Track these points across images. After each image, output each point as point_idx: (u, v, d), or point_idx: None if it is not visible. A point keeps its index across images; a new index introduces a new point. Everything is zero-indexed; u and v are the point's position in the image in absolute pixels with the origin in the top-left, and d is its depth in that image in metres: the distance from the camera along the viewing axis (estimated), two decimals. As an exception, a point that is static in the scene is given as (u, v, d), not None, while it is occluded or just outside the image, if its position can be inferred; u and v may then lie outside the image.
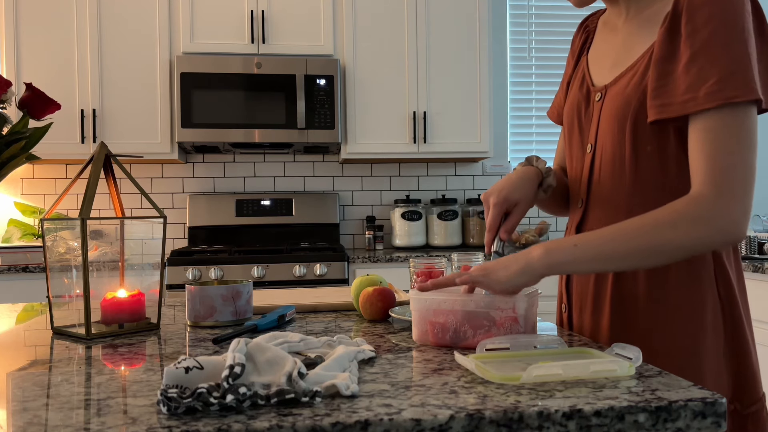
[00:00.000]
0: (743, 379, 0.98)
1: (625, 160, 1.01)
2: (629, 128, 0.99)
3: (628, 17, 1.06)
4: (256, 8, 3.14)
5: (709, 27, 0.89)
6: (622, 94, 1.00)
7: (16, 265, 2.75)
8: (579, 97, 1.11)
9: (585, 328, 1.09)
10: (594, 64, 1.12)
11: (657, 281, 0.99)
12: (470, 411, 0.64)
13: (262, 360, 0.71)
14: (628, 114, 0.99)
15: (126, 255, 1.19)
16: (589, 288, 1.07)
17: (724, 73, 0.87)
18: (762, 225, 3.33)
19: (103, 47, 3.08)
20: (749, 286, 2.39)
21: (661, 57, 0.94)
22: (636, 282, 1.00)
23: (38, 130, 1.16)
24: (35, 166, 3.35)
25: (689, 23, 0.91)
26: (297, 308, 1.33)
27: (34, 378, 0.82)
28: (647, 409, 0.66)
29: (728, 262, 1.00)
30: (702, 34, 0.89)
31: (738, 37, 0.88)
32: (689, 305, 0.97)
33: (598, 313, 1.05)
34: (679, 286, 0.98)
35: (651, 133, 0.97)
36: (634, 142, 0.99)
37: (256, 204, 3.40)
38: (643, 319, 1.00)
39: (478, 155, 3.34)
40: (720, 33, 0.88)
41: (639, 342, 0.97)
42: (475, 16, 3.30)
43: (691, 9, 0.91)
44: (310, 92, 3.11)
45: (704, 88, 0.88)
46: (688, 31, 0.91)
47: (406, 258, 2.97)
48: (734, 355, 0.98)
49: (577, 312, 1.11)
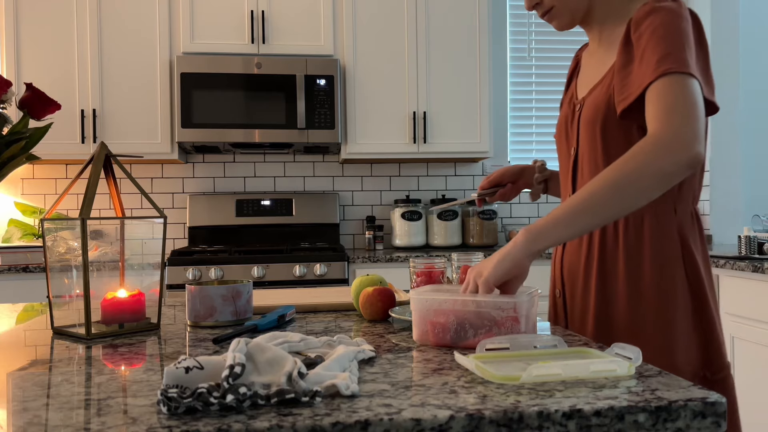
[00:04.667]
0: (711, 349, 1.11)
1: (599, 158, 1.17)
2: (599, 130, 1.16)
3: (600, 42, 1.25)
4: (256, 8, 3.14)
5: (650, 29, 1.06)
6: (594, 102, 1.17)
7: (16, 265, 2.76)
8: (568, 110, 1.28)
9: (576, 308, 1.21)
10: (580, 84, 1.30)
11: (634, 261, 1.13)
12: (470, 411, 0.64)
13: (262, 360, 0.71)
14: (597, 118, 1.16)
15: (126, 255, 1.19)
16: (579, 269, 1.20)
17: (661, 54, 1.03)
18: (762, 225, 3.33)
19: (103, 47, 3.08)
20: (749, 285, 2.39)
21: (620, 65, 1.12)
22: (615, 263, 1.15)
23: (38, 130, 1.16)
24: (35, 166, 3.35)
25: (636, 32, 1.09)
26: (297, 308, 1.33)
27: (34, 378, 0.82)
28: (647, 409, 0.66)
29: (694, 245, 1.13)
30: (645, 36, 1.07)
31: (674, 32, 1.04)
32: (662, 283, 1.11)
33: (586, 293, 1.19)
34: (653, 266, 1.12)
35: (618, 133, 1.14)
36: (604, 142, 1.15)
37: (256, 204, 3.40)
38: (622, 297, 1.13)
39: (478, 155, 3.34)
40: (658, 31, 1.05)
41: (620, 317, 1.13)
42: (475, 16, 3.30)
43: (637, 22, 1.10)
44: (310, 92, 3.11)
45: (649, 69, 1.04)
46: (636, 38, 1.09)
47: (406, 258, 2.97)
48: (702, 328, 1.12)
49: (570, 295, 1.23)
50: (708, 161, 3.50)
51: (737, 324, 2.46)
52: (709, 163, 3.49)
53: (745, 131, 3.72)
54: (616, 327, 1.14)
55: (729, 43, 3.49)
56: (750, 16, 3.74)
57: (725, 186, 3.51)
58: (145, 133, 3.10)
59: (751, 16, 3.74)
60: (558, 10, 1.22)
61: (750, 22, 3.73)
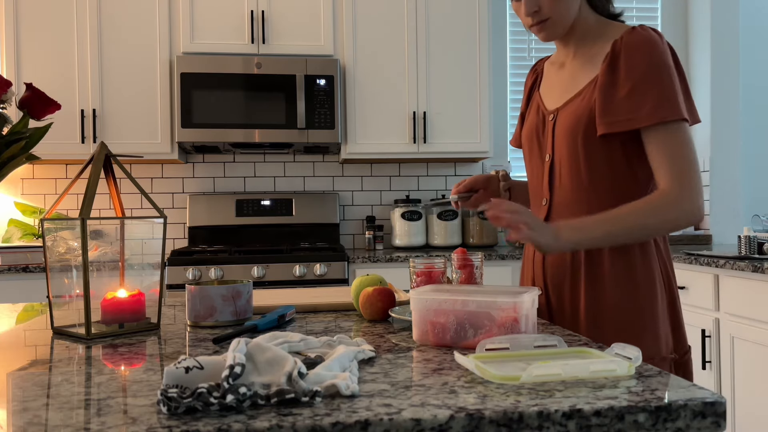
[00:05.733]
0: (678, 334, 1.26)
1: (581, 165, 1.25)
2: (581, 140, 1.24)
3: (575, 57, 1.33)
4: (256, 8, 3.14)
5: (643, 65, 1.19)
6: (574, 114, 1.26)
7: (16, 265, 2.76)
8: (536, 120, 1.36)
9: (565, 308, 1.27)
10: (545, 95, 1.38)
11: (621, 262, 1.22)
12: (470, 411, 0.64)
13: (262, 360, 0.71)
14: (579, 130, 1.24)
15: (126, 255, 1.19)
16: (566, 273, 1.27)
17: (657, 100, 1.17)
18: (762, 225, 3.33)
19: (103, 47, 3.08)
20: (748, 285, 2.39)
21: (604, 84, 1.22)
22: (602, 264, 1.23)
23: (38, 130, 1.16)
24: (35, 166, 3.35)
25: (627, 61, 1.20)
26: (297, 308, 1.33)
27: (34, 378, 0.82)
28: (647, 409, 0.66)
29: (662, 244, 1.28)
30: (639, 71, 1.19)
31: (666, 72, 1.19)
32: (646, 279, 1.23)
33: (575, 293, 1.25)
34: (637, 265, 1.23)
35: (599, 144, 1.23)
36: (586, 151, 1.24)
37: (256, 204, 3.40)
38: (611, 295, 1.22)
39: (478, 155, 3.34)
40: (652, 70, 1.18)
41: (609, 313, 1.22)
42: (475, 16, 3.30)
43: (628, 50, 1.20)
44: (310, 92, 3.11)
45: (644, 110, 1.17)
46: (627, 67, 1.20)
47: (406, 258, 2.97)
48: (672, 315, 1.25)
49: (555, 296, 1.29)
50: (708, 161, 3.50)
51: (737, 324, 2.46)
52: (709, 163, 3.49)
53: (745, 131, 3.72)
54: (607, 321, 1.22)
55: (729, 43, 3.49)
56: (750, 16, 3.74)
57: (725, 186, 3.51)
58: (145, 133, 3.10)
59: (751, 15, 3.74)
60: (553, 22, 1.27)
61: (750, 22, 3.73)
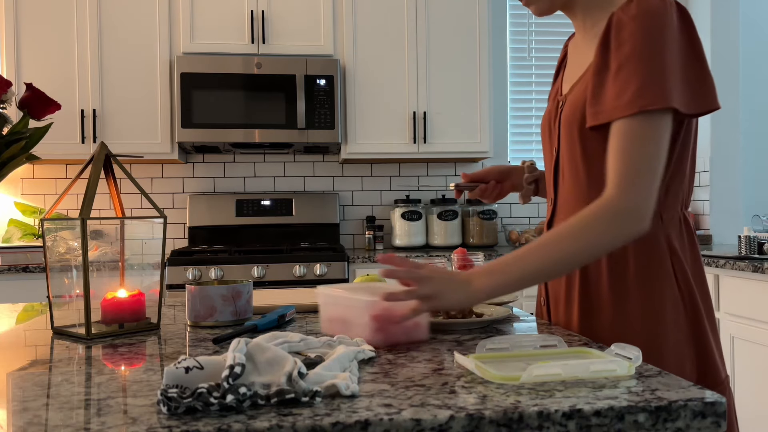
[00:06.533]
0: (705, 365, 1.06)
1: (578, 159, 1.10)
2: (577, 131, 1.09)
3: (585, 33, 1.16)
4: (256, 8, 3.14)
5: (631, 41, 0.99)
6: (573, 102, 1.11)
7: (16, 265, 2.76)
8: (552, 107, 1.22)
9: (560, 321, 1.17)
10: (565, 78, 1.22)
11: (619, 279, 1.07)
12: (470, 411, 0.64)
13: (262, 360, 0.71)
14: (575, 119, 1.09)
15: (126, 255, 1.19)
16: (561, 287, 1.16)
17: (641, 83, 0.97)
18: (762, 225, 3.33)
19: (103, 47, 3.08)
20: (748, 285, 2.39)
21: (596, 68, 1.05)
22: (600, 280, 1.08)
23: (38, 130, 1.16)
24: (35, 166, 3.35)
25: (617, 38, 1.01)
26: (297, 308, 1.33)
27: (34, 378, 0.82)
28: (647, 409, 0.66)
29: (684, 256, 1.07)
30: (625, 48, 0.99)
31: (657, 50, 0.98)
32: (648, 299, 1.05)
33: (569, 308, 1.14)
34: (638, 282, 1.05)
35: (594, 135, 1.06)
36: (582, 144, 1.09)
37: (256, 204, 3.40)
38: (606, 313, 1.07)
39: (478, 155, 3.34)
40: (640, 47, 0.98)
41: (604, 333, 1.07)
42: (475, 16, 3.30)
43: (619, 25, 1.01)
44: (310, 92, 3.11)
45: (625, 97, 0.98)
46: (615, 45, 1.01)
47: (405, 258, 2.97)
48: (695, 344, 1.05)
49: (554, 307, 1.19)
50: (708, 161, 3.50)
51: (737, 324, 2.46)
52: (709, 163, 3.49)
53: (745, 131, 3.72)
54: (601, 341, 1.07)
55: (729, 43, 3.49)
56: (750, 16, 3.74)
57: (725, 186, 3.51)
58: (145, 133, 3.10)
59: (752, 15, 3.74)
60: None
61: (750, 22, 3.73)
